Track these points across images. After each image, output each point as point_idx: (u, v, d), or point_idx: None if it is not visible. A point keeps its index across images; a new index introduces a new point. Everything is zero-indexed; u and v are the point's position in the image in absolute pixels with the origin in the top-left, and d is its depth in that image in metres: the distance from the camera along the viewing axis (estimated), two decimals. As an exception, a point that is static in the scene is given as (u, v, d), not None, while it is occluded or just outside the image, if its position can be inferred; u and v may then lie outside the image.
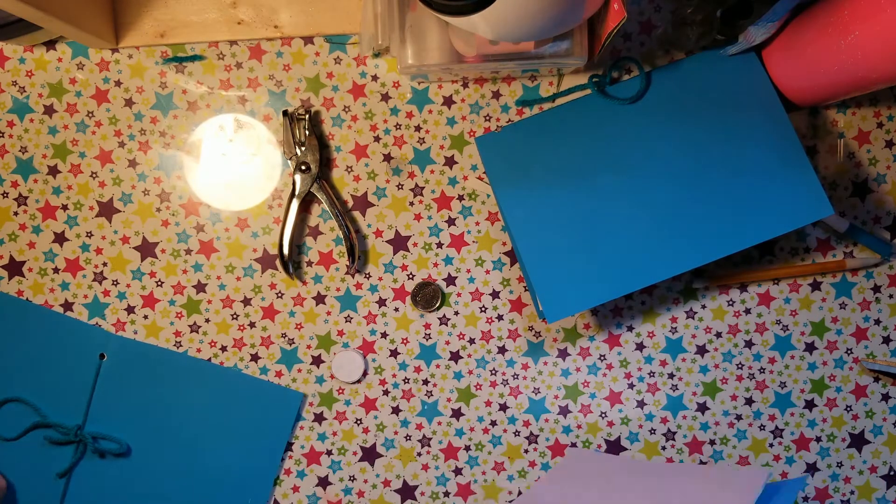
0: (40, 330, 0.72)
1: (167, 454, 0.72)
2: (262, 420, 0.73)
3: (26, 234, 0.72)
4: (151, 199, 0.72)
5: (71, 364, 0.72)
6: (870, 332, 0.73)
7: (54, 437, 0.71)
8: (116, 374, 0.72)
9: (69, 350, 0.72)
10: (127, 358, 0.72)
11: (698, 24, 0.69)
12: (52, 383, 0.72)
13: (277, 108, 0.72)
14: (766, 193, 0.67)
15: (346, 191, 0.72)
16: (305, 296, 0.73)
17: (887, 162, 0.72)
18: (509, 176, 0.68)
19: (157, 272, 0.72)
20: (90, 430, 0.72)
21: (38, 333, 0.72)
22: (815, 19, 0.61)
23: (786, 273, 0.72)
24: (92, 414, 0.72)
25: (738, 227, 0.67)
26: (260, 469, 0.73)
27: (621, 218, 0.67)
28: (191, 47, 0.71)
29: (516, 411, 0.74)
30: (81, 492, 0.73)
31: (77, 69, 0.71)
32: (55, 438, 0.71)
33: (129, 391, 0.72)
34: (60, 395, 0.72)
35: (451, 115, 0.72)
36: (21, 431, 0.72)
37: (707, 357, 0.73)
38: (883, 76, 0.57)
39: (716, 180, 0.67)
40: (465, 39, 0.63)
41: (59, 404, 0.72)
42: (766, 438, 0.74)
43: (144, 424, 0.72)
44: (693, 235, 0.67)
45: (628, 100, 0.67)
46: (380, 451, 0.74)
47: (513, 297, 0.73)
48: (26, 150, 0.72)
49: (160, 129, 0.72)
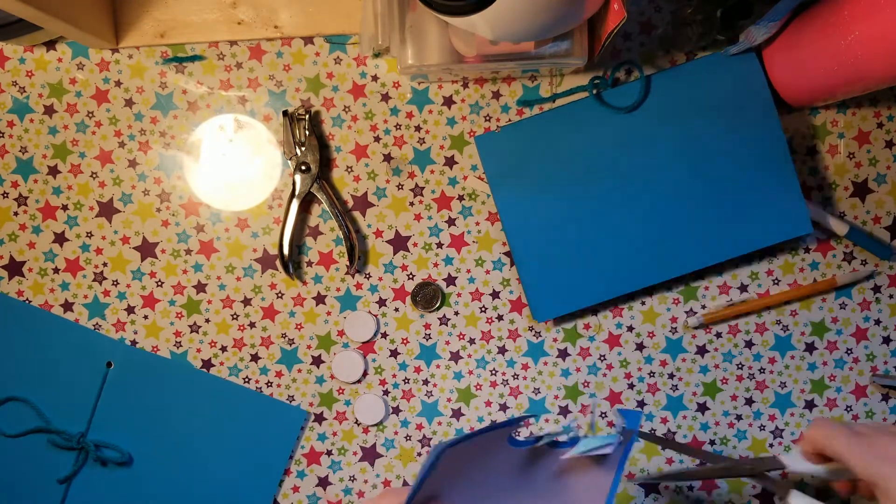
0: (48, 336, 0.72)
1: (169, 465, 0.72)
2: (265, 435, 0.72)
3: (26, 234, 0.72)
4: (151, 199, 0.72)
5: (77, 371, 0.72)
6: (870, 333, 0.73)
7: (57, 443, 0.71)
8: (122, 382, 0.72)
9: (76, 357, 0.72)
10: (134, 367, 0.72)
11: (698, 25, 0.69)
12: (58, 390, 0.72)
13: (277, 108, 0.72)
14: (752, 205, 0.68)
15: (346, 191, 0.72)
16: (305, 296, 0.73)
17: (887, 162, 0.72)
18: (507, 175, 0.68)
19: (157, 272, 0.72)
20: (93, 437, 0.72)
21: (46, 339, 0.72)
22: (815, 19, 0.61)
23: (777, 300, 0.72)
24: (95, 422, 0.72)
25: (725, 237, 0.68)
26: (261, 484, 0.73)
27: (613, 222, 0.68)
28: (191, 47, 0.71)
29: (516, 411, 0.74)
30: (81, 499, 0.72)
31: (77, 69, 0.71)
32: (58, 443, 0.71)
33: (134, 400, 0.72)
34: (65, 401, 0.72)
35: (451, 115, 0.72)
36: (22, 431, 0.72)
37: (707, 357, 0.73)
38: (883, 76, 0.57)
39: (707, 189, 0.68)
40: (465, 39, 0.63)
41: (64, 411, 0.72)
42: (766, 438, 0.74)
43: (148, 435, 0.72)
44: (682, 242, 0.68)
45: (626, 109, 0.68)
46: (380, 451, 0.74)
47: (513, 297, 0.73)
48: (26, 151, 0.72)
49: (160, 129, 0.72)
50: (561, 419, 0.74)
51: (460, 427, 0.74)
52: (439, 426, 0.74)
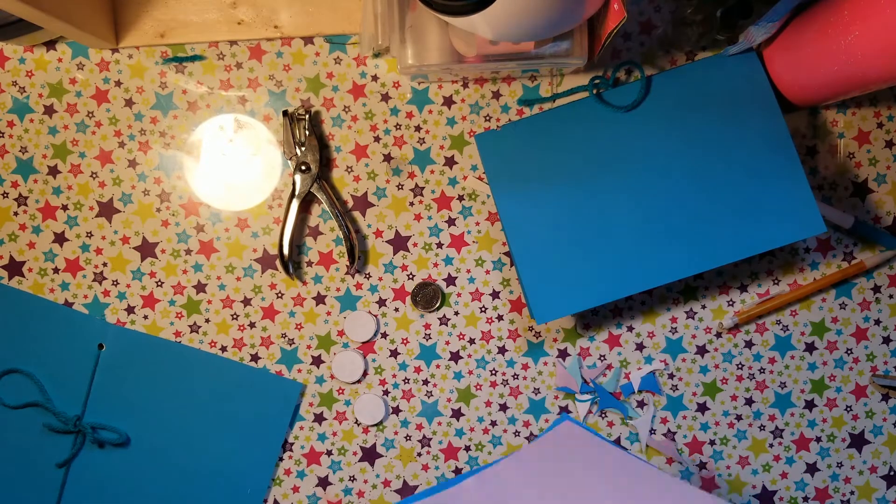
0: (39, 321, 0.72)
1: (167, 444, 0.73)
2: (262, 410, 0.73)
3: (26, 234, 0.72)
4: (151, 199, 0.72)
5: (70, 354, 0.72)
6: (870, 333, 0.73)
7: (54, 426, 0.72)
8: (115, 364, 0.72)
9: (68, 340, 0.72)
10: (126, 348, 0.72)
11: (698, 25, 0.69)
12: (51, 374, 0.72)
13: (277, 108, 0.72)
14: (761, 206, 0.67)
15: (346, 191, 0.72)
16: (305, 296, 0.73)
17: (887, 162, 0.72)
18: (507, 175, 0.68)
19: (157, 272, 0.72)
20: (89, 420, 0.72)
21: (37, 324, 0.72)
22: (815, 19, 0.61)
23: (809, 291, 0.71)
24: (91, 404, 0.72)
25: (732, 239, 0.67)
26: (259, 458, 0.73)
27: (615, 223, 0.67)
28: (191, 47, 0.71)
29: (516, 411, 0.74)
30: (81, 481, 0.73)
31: (77, 69, 0.71)
32: (55, 426, 0.72)
33: (127, 381, 0.72)
34: (59, 385, 0.72)
35: (451, 115, 0.72)
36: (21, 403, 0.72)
37: (707, 357, 0.73)
38: (883, 76, 0.57)
39: (711, 190, 0.67)
40: (465, 39, 0.63)
41: (59, 394, 0.72)
42: (766, 438, 0.74)
43: (144, 414, 0.72)
44: (686, 245, 0.67)
45: (626, 108, 0.67)
46: (380, 451, 0.74)
47: (513, 297, 0.73)
48: (26, 151, 0.72)
49: (160, 129, 0.72)
50: None
51: (460, 427, 0.74)
52: (439, 426, 0.74)
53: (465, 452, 0.74)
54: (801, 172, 0.66)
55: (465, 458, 0.74)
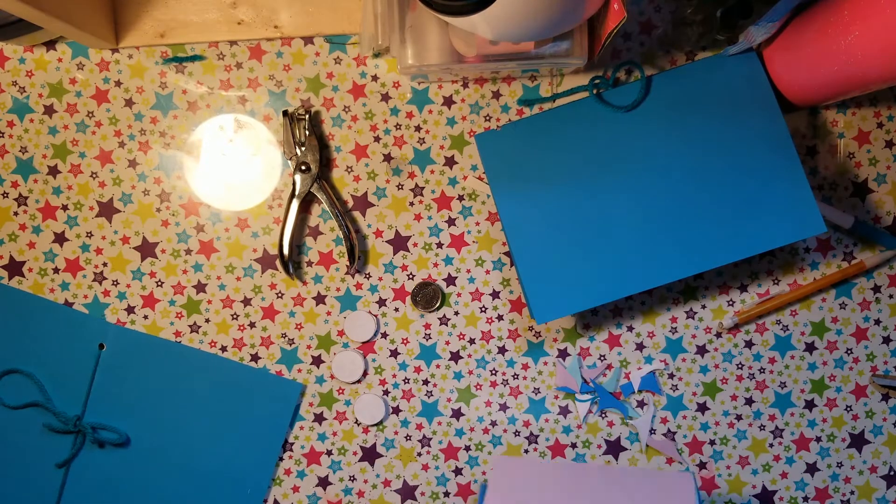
0: (39, 321, 0.72)
1: (167, 444, 0.73)
2: (262, 410, 0.73)
3: (26, 234, 0.72)
4: (151, 199, 0.72)
5: (70, 354, 0.72)
6: (870, 333, 0.73)
7: (54, 426, 0.72)
8: (115, 364, 0.72)
9: (68, 340, 0.72)
10: (126, 348, 0.72)
11: (698, 25, 0.69)
12: (51, 374, 0.72)
13: (277, 108, 0.72)
14: (761, 206, 0.67)
15: (346, 191, 0.72)
16: (305, 296, 0.73)
17: (887, 162, 0.72)
18: (507, 175, 0.68)
19: (157, 272, 0.72)
20: (89, 420, 0.72)
21: (37, 324, 0.72)
22: (815, 19, 0.61)
23: (809, 291, 0.71)
24: (91, 404, 0.72)
25: (732, 239, 0.67)
26: (259, 458, 0.73)
27: (615, 223, 0.67)
28: (191, 47, 0.71)
29: (516, 411, 0.74)
30: (81, 481, 0.73)
31: (77, 69, 0.71)
32: (55, 426, 0.72)
33: (128, 381, 0.72)
34: (60, 385, 0.72)
35: (451, 115, 0.72)
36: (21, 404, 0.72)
37: (707, 357, 0.73)
38: (883, 76, 0.57)
39: (711, 190, 0.67)
40: (465, 39, 0.63)
41: (59, 394, 0.72)
42: (766, 438, 0.74)
43: (144, 414, 0.72)
44: (686, 245, 0.67)
45: (626, 108, 0.67)
46: (380, 451, 0.74)
47: (513, 297, 0.73)
48: (26, 150, 0.72)
49: (160, 129, 0.72)
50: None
51: (460, 427, 0.74)
52: (439, 426, 0.74)
53: (465, 452, 0.74)
54: (801, 172, 0.66)
55: (465, 458, 0.74)
